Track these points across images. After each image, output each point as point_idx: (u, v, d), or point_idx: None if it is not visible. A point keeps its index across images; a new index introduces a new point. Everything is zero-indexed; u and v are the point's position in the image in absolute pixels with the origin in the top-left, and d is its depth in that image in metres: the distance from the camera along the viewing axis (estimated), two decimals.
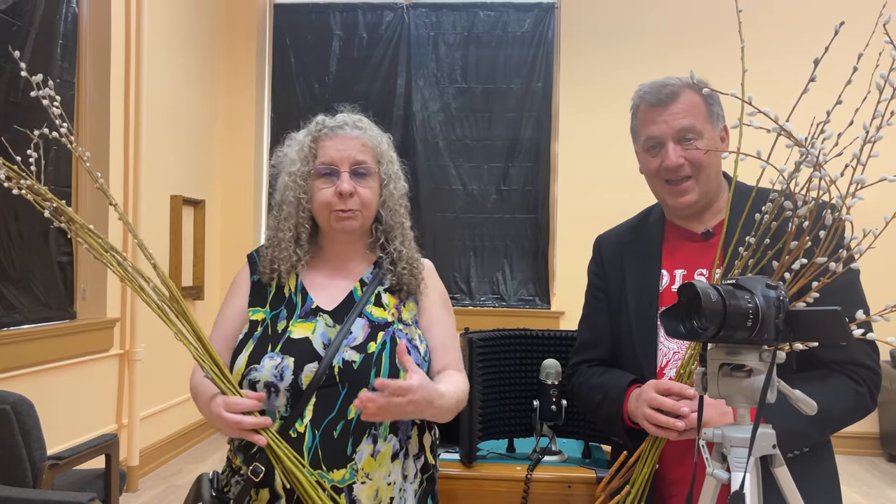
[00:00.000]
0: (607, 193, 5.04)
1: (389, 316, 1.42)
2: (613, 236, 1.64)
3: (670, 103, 1.40)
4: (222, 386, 1.28)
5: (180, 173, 4.64)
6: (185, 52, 4.77)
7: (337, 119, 1.47)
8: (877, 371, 1.34)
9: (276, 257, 1.42)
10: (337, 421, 1.30)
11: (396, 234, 1.47)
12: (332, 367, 1.32)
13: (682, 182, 1.42)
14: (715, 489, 1.01)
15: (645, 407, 1.31)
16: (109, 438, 2.66)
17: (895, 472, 4.59)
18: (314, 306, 1.40)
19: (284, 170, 1.45)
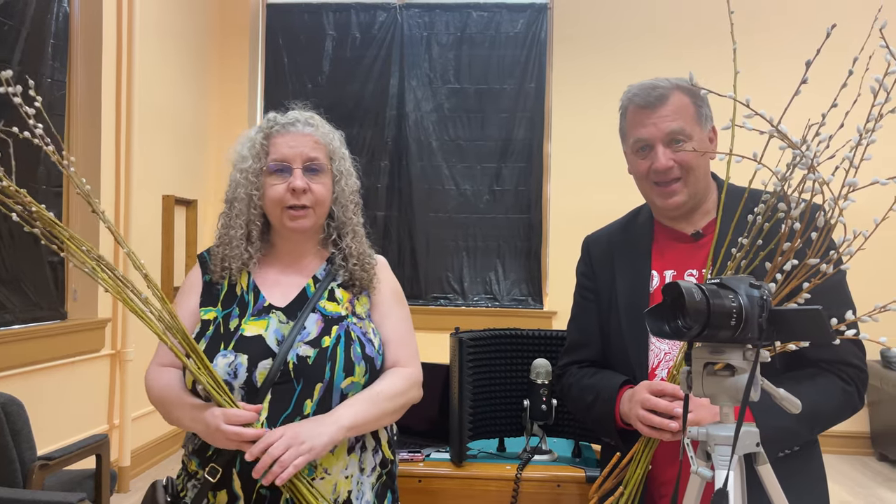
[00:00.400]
0: (600, 194, 5.04)
1: (343, 310, 1.42)
2: (603, 236, 1.65)
3: (659, 106, 1.40)
4: (220, 399, 1.27)
5: (172, 173, 4.63)
6: (178, 52, 4.76)
7: (288, 116, 1.47)
8: (864, 370, 1.35)
9: (227, 255, 1.42)
10: (293, 417, 1.31)
11: (348, 230, 1.48)
12: (286, 363, 1.32)
13: (671, 184, 1.42)
14: (700, 487, 1.01)
15: (638, 408, 1.31)
16: (100, 439, 2.65)
17: (886, 471, 4.62)
18: (266, 304, 1.40)
19: (235, 167, 1.44)
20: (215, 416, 1.25)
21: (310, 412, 1.32)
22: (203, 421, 1.28)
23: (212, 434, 1.27)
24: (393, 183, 5.43)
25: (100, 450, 2.63)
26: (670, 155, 1.40)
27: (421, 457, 1.85)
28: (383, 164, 5.43)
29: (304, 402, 1.32)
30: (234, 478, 1.31)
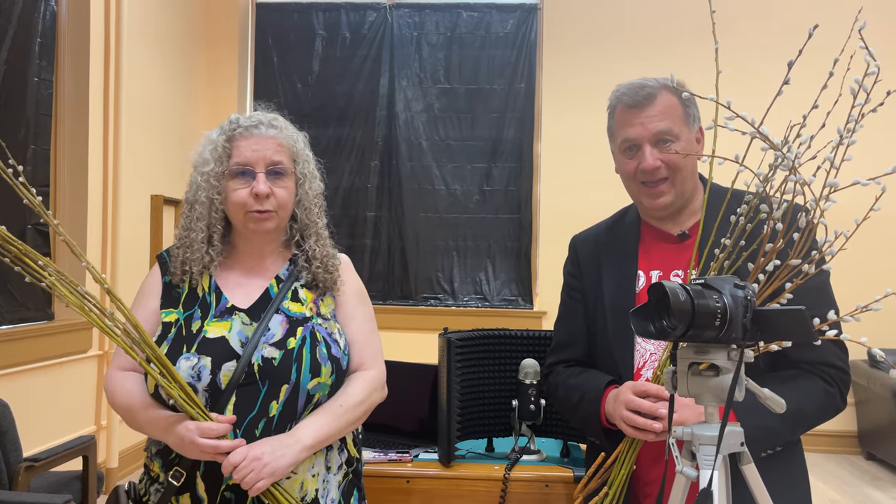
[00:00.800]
0: (590, 194, 5.05)
1: (307, 311, 1.42)
2: (590, 236, 1.65)
3: (647, 105, 1.40)
4: (193, 412, 1.26)
5: (161, 173, 4.61)
6: (166, 51, 4.74)
7: (252, 118, 1.44)
8: (846, 371, 1.36)
9: (188, 258, 1.39)
10: (258, 419, 1.30)
11: (311, 232, 1.47)
12: (250, 364, 1.31)
13: (659, 184, 1.43)
14: (685, 487, 1.02)
15: (622, 409, 1.31)
16: (87, 440, 2.63)
17: (873, 470, 4.65)
18: (229, 305, 1.39)
19: (197, 169, 1.42)
20: (189, 430, 1.24)
21: (275, 413, 1.32)
22: (176, 434, 1.26)
23: (186, 447, 1.26)
24: (383, 183, 5.43)
25: (87, 451, 2.61)
26: (657, 155, 1.40)
27: (409, 457, 1.85)
28: (373, 164, 5.42)
29: (270, 403, 1.32)
30: (199, 481, 1.30)
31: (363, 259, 5.41)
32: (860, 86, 1.08)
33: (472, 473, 1.79)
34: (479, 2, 5.40)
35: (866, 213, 1.11)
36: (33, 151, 3.49)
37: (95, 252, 3.80)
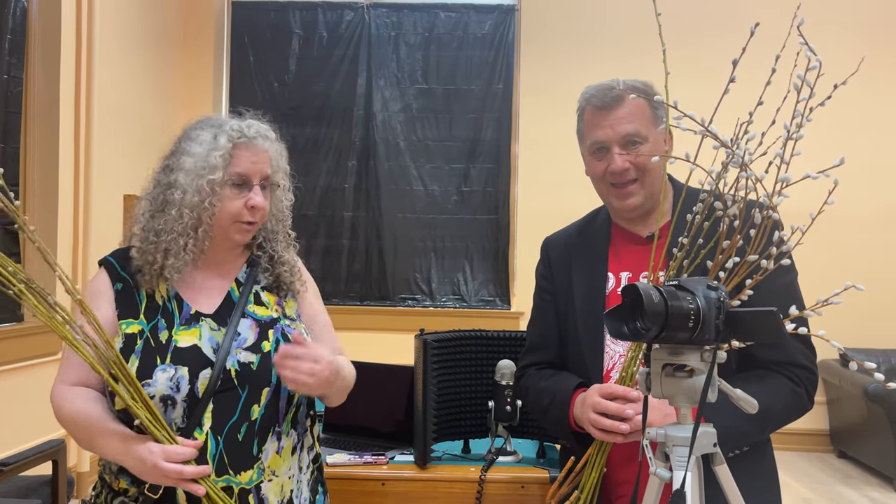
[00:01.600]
0: (567, 195, 5.06)
1: (274, 313, 1.41)
2: (561, 238, 1.65)
3: (616, 107, 1.41)
4: (159, 434, 1.21)
5: (134, 172, 4.52)
6: (140, 48, 4.67)
7: (251, 127, 1.39)
8: (813, 371, 1.37)
9: (171, 265, 1.32)
10: (240, 423, 1.29)
11: (280, 238, 1.46)
12: (226, 370, 1.30)
13: (628, 185, 1.43)
14: (658, 488, 1.02)
15: (590, 412, 1.31)
16: (56, 444, 2.59)
17: (845, 468, 4.72)
18: (193, 311, 1.35)
19: (195, 171, 1.33)
20: (153, 453, 1.19)
21: (257, 417, 1.31)
22: (137, 456, 1.21)
23: (147, 471, 1.21)
24: (360, 183, 5.41)
25: (56, 455, 2.57)
26: (626, 157, 1.41)
27: (385, 459, 1.84)
28: (350, 164, 5.39)
29: (252, 407, 1.30)
30: (179, 492, 1.26)
31: (340, 260, 5.38)
32: (803, 81, 1.09)
33: (448, 475, 1.79)
34: (457, 2, 5.40)
35: (820, 206, 1.12)
36: (2, 150, 3.42)
37: (66, 253, 3.74)
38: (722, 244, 1.22)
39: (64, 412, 1.30)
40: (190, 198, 1.32)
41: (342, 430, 2.05)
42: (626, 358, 1.36)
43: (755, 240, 1.19)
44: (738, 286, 1.23)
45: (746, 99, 1.19)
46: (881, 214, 5.13)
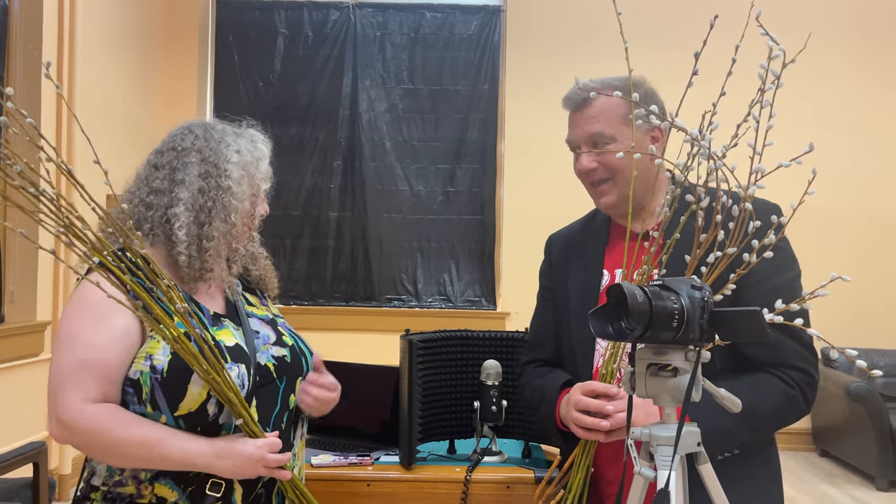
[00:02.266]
0: (552, 195, 5.08)
1: (268, 312, 1.47)
2: (563, 236, 1.66)
3: (584, 107, 1.42)
4: (258, 430, 1.25)
5: (117, 172, 4.48)
6: (123, 48, 4.63)
7: (267, 141, 1.47)
8: (811, 374, 1.32)
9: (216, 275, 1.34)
10: (282, 413, 1.34)
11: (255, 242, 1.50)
12: (262, 366, 1.33)
13: (601, 184, 1.44)
14: (643, 487, 1.02)
15: (573, 410, 1.31)
16: (38, 446, 2.56)
17: (827, 466, 4.76)
18: (213, 312, 1.36)
19: (249, 179, 1.36)
20: (259, 447, 1.22)
21: (293, 406, 1.37)
22: (240, 454, 1.20)
23: (252, 466, 1.21)
24: (346, 183, 5.39)
25: (37, 458, 2.54)
26: (594, 157, 1.41)
27: (370, 460, 1.83)
28: (336, 165, 5.38)
29: (289, 397, 1.37)
30: (236, 486, 1.27)
31: (326, 260, 5.36)
32: (767, 70, 1.10)
33: (433, 476, 1.79)
34: (443, 3, 5.40)
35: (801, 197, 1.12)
36: None
37: (47, 253, 3.69)
38: (698, 238, 1.21)
39: (110, 436, 1.18)
40: (243, 205, 1.36)
41: (327, 431, 2.04)
42: (606, 355, 1.35)
43: (734, 232, 1.18)
44: (722, 280, 1.22)
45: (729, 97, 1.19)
46: (857, 214, 5.18)
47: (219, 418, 1.24)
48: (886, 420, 4.27)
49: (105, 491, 1.26)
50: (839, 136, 5.06)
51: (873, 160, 5.17)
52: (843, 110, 5.12)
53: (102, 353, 1.21)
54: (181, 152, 1.37)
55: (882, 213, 5.19)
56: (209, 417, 1.23)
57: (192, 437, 1.22)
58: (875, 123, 5.21)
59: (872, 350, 4.91)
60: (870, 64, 5.19)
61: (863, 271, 5.07)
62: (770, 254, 1.16)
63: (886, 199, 5.19)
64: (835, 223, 5.00)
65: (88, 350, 1.20)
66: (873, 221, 5.18)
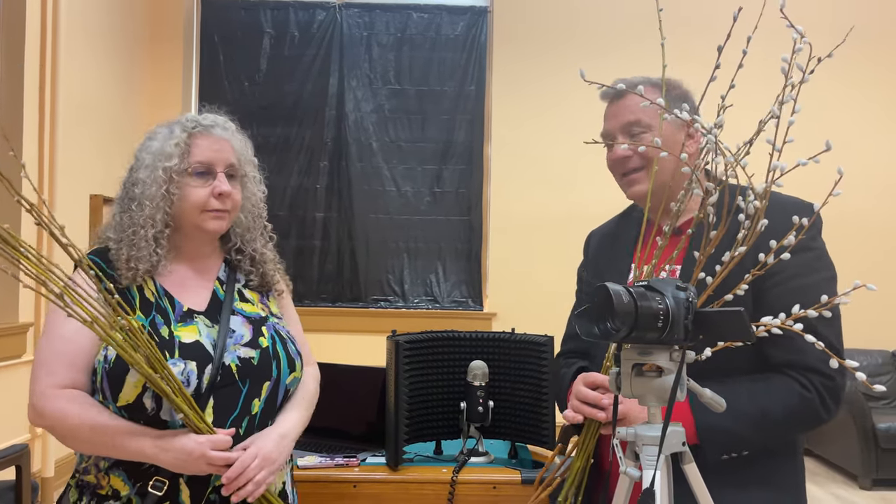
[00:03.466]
0: (539, 196, 5.11)
1: (261, 311, 1.44)
2: (601, 230, 1.70)
3: (621, 99, 1.44)
4: (203, 426, 1.23)
5: (100, 172, 4.47)
6: (107, 47, 4.60)
7: (207, 118, 1.43)
8: (833, 378, 1.27)
9: (134, 256, 1.33)
10: (242, 417, 1.31)
11: (257, 235, 1.48)
12: (226, 366, 1.31)
13: (633, 173, 1.45)
14: (629, 487, 1.03)
15: (573, 399, 1.34)
16: (20, 449, 2.53)
17: (811, 466, 4.80)
18: (186, 308, 1.36)
19: (153, 163, 1.35)
20: (201, 444, 1.21)
21: (258, 411, 1.33)
22: (182, 448, 1.21)
23: (193, 462, 1.21)
24: (332, 184, 5.38)
25: (19, 460, 2.51)
26: (629, 146, 1.42)
27: (356, 461, 1.82)
28: (322, 165, 5.36)
29: (252, 401, 1.33)
30: (182, 487, 1.26)
31: (312, 260, 5.35)
32: (790, 65, 1.08)
33: (419, 477, 1.78)
34: (430, 3, 5.40)
35: (825, 198, 1.11)
36: None
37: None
38: (708, 237, 1.20)
39: (70, 421, 1.24)
40: (149, 189, 1.35)
41: (313, 432, 2.02)
42: (610, 349, 1.36)
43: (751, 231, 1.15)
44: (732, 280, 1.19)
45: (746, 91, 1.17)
46: (845, 217, 5.23)
47: (160, 413, 1.25)
48: (869, 420, 4.31)
49: (77, 479, 1.33)
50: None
51: (868, 167, 5.22)
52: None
53: (70, 343, 1.27)
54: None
55: (857, 215, 5.24)
56: (148, 411, 1.25)
57: (143, 429, 1.25)
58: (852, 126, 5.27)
59: (854, 350, 4.96)
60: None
61: (845, 273, 5.11)
62: (787, 255, 1.14)
63: (860, 201, 5.24)
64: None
65: (59, 341, 1.28)
66: (849, 223, 5.23)
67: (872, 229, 5.27)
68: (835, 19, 5.22)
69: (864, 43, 5.25)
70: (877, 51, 5.29)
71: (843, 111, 5.24)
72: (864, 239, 5.25)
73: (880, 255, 5.25)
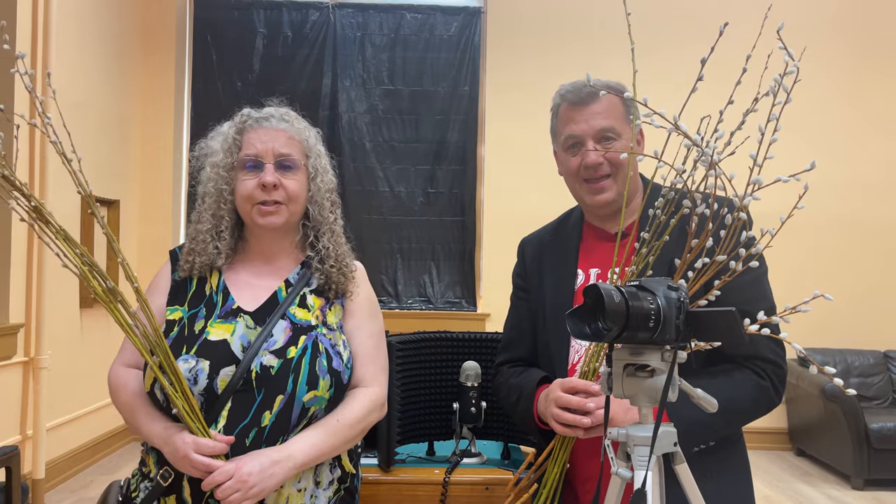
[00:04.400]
0: (533, 197, 5.10)
1: (313, 319, 1.37)
2: (535, 238, 1.67)
3: (591, 103, 1.42)
4: (193, 426, 1.22)
5: (92, 172, 4.41)
6: (99, 47, 4.57)
7: (263, 111, 1.44)
8: (781, 366, 1.36)
9: (194, 250, 1.38)
10: (250, 428, 1.26)
11: (324, 230, 1.44)
12: (249, 370, 1.27)
13: (601, 180, 1.44)
14: (620, 488, 1.02)
15: (553, 406, 1.31)
16: (10, 450, 2.52)
17: (803, 465, 4.82)
18: (235, 306, 1.35)
19: (207, 161, 1.41)
20: (185, 444, 1.21)
21: (267, 424, 1.27)
22: (172, 444, 1.23)
23: (179, 460, 1.23)
24: None
25: (10, 462, 2.50)
26: (599, 152, 1.42)
27: None
28: None
29: (263, 413, 1.27)
30: (185, 484, 1.26)
31: None
32: (779, 84, 1.10)
33: (412, 478, 1.77)
34: (423, 3, 5.39)
35: (790, 210, 1.14)
36: None
37: (20, 255, 3.64)
38: (690, 243, 1.23)
39: (119, 394, 1.36)
40: (206, 185, 1.40)
41: None
42: (589, 352, 1.36)
43: (724, 240, 1.19)
44: (707, 286, 1.24)
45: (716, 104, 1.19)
46: (837, 219, 5.25)
47: (170, 406, 1.26)
48: (861, 419, 4.33)
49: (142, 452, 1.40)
50: (829, 146, 5.13)
51: (843, 167, 5.23)
52: (839, 119, 5.18)
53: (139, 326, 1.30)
54: None
55: (849, 217, 5.26)
56: (160, 402, 1.29)
57: (161, 417, 1.29)
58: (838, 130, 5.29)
59: (846, 350, 4.99)
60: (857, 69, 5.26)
61: (832, 273, 5.14)
62: (756, 263, 1.19)
63: (852, 204, 5.26)
64: (801, 227, 5.06)
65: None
66: (841, 226, 5.25)
67: (863, 232, 5.28)
68: (819, 15, 5.24)
69: (851, 41, 5.27)
70: (863, 48, 5.31)
71: (842, 110, 5.26)
72: (854, 241, 5.27)
73: (872, 257, 5.27)
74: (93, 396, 4.42)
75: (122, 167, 4.88)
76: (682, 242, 1.27)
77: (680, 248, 1.27)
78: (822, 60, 5.15)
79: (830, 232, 5.23)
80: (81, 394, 4.25)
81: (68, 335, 4.11)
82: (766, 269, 1.39)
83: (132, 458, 4.59)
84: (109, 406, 4.69)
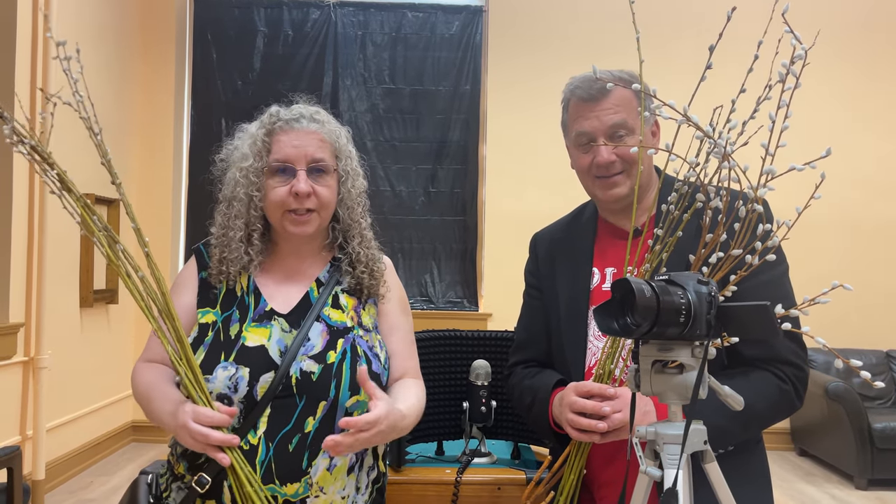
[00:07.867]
0: (535, 196, 5.09)
1: (349, 320, 1.34)
2: (547, 234, 1.63)
3: (602, 98, 1.39)
4: (195, 394, 1.18)
5: (92, 171, 4.40)
6: (99, 45, 4.54)
7: (293, 111, 1.38)
8: (803, 369, 1.33)
9: (226, 258, 1.33)
10: (293, 434, 1.23)
11: (354, 233, 1.40)
12: (288, 376, 1.24)
13: (613, 176, 1.41)
14: (647, 487, 1.00)
15: (567, 412, 1.28)
16: (11, 451, 2.48)
17: (806, 465, 4.80)
18: (268, 309, 1.32)
19: (234, 164, 1.34)
20: (185, 412, 1.16)
21: (311, 430, 1.24)
22: (177, 413, 1.18)
23: (177, 430, 1.18)
24: None
25: (11, 463, 2.46)
26: (612, 148, 1.39)
27: None
28: None
29: (307, 419, 1.24)
30: (225, 489, 1.22)
31: None
32: (788, 70, 1.08)
33: (422, 477, 1.76)
34: (424, 2, 5.37)
35: (807, 201, 1.11)
36: None
37: (20, 253, 3.60)
38: (704, 237, 1.20)
39: (137, 386, 1.33)
40: (233, 189, 1.33)
41: None
42: (604, 354, 1.33)
43: (739, 233, 1.17)
44: (723, 281, 1.21)
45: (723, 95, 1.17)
46: (840, 219, 5.24)
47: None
48: (865, 419, 4.31)
49: (168, 455, 1.37)
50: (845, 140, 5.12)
51: (846, 166, 5.22)
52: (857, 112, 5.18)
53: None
54: None
55: (851, 216, 5.25)
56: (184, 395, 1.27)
57: (171, 396, 1.25)
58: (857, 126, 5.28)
59: (849, 349, 4.97)
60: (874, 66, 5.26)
61: (834, 273, 5.13)
62: (773, 256, 1.15)
63: (855, 203, 5.25)
64: (803, 226, 5.05)
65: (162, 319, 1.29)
66: (844, 225, 5.25)
67: (866, 231, 5.28)
68: (825, 13, 5.23)
69: (852, 39, 5.27)
70: (868, 45, 5.31)
71: (840, 108, 5.25)
72: (857, 241, 5.26)
73: (873, 255, 5.26)
74: (93, 396, 4.39)
75: (122, 166, 4.84)
76: (698, 238, 1.24)
77: (696, 244, 1.25)
78: (835, 55, 5.14)
79: (833, 231, 5.22)
80: (81, 394, 4.22)
81: (68, 335, 4.08)
82: (787, 268, 1.36)
83: (132, 459, 4.56)
84: (110, 406, 4.67)
